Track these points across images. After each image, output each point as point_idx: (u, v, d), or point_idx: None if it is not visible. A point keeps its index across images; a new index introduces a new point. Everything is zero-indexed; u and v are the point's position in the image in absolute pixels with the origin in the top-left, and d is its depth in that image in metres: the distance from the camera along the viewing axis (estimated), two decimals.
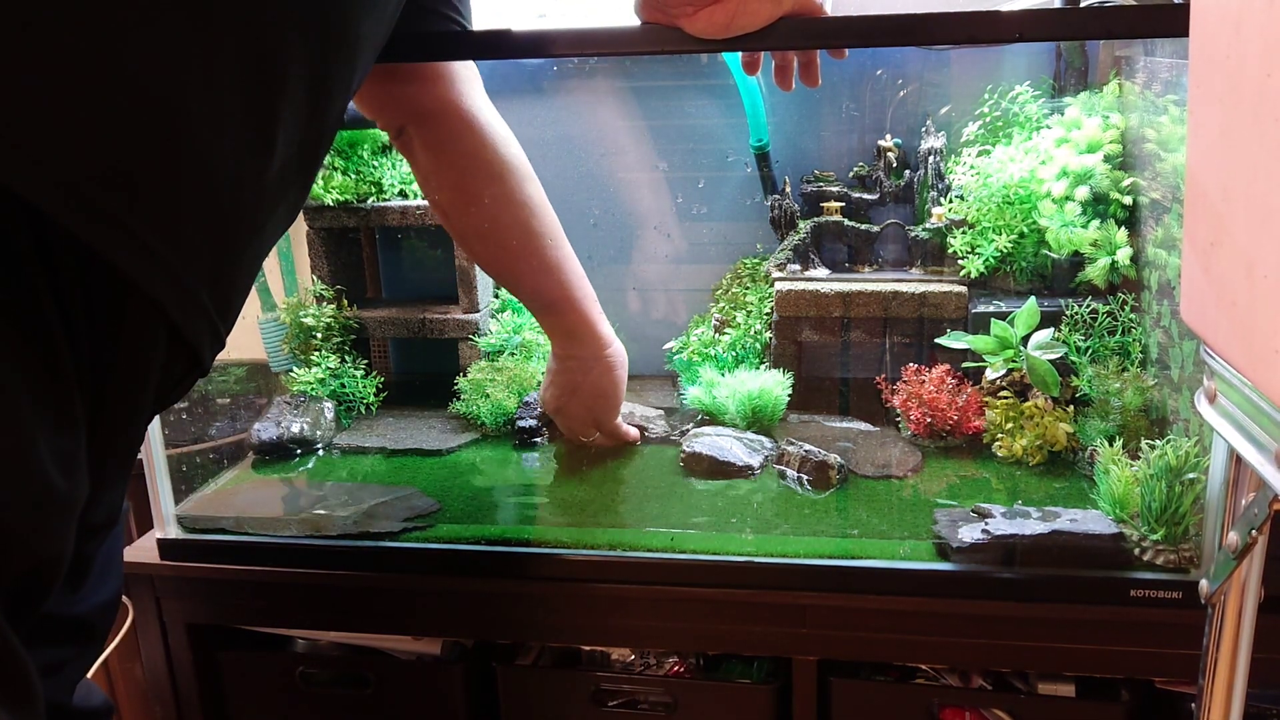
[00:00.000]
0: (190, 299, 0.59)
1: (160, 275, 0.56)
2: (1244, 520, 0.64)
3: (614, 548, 1.00)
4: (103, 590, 0.70)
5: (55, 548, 0.55)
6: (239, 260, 0.64)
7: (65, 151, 0.51)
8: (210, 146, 0.58)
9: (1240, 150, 0.57)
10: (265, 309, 1.45)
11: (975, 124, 1.27)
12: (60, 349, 0.53)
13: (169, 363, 0.61)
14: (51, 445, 0.53)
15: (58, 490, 0.54)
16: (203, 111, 0.57)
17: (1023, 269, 1.24)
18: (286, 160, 0.65)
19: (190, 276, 0.58)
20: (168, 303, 0.57)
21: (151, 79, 0.54)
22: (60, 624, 0.66)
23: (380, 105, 1.06)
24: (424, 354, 1.47)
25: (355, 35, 0.68)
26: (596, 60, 1.37)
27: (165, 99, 0.55)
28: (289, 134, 0.64)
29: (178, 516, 1.08)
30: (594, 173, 1.41)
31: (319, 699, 1.13)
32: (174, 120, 0.56)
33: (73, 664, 0.68)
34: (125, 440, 0.62)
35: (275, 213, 0.68)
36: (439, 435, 1.28)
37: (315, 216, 1.37)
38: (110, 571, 0.71)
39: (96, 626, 0.70)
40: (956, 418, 1.15)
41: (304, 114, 0.65)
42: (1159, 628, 0.91)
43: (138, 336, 0.57)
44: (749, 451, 1.15)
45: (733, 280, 1.38)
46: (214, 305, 0.61)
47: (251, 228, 0.65)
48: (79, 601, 0.67)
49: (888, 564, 0.95)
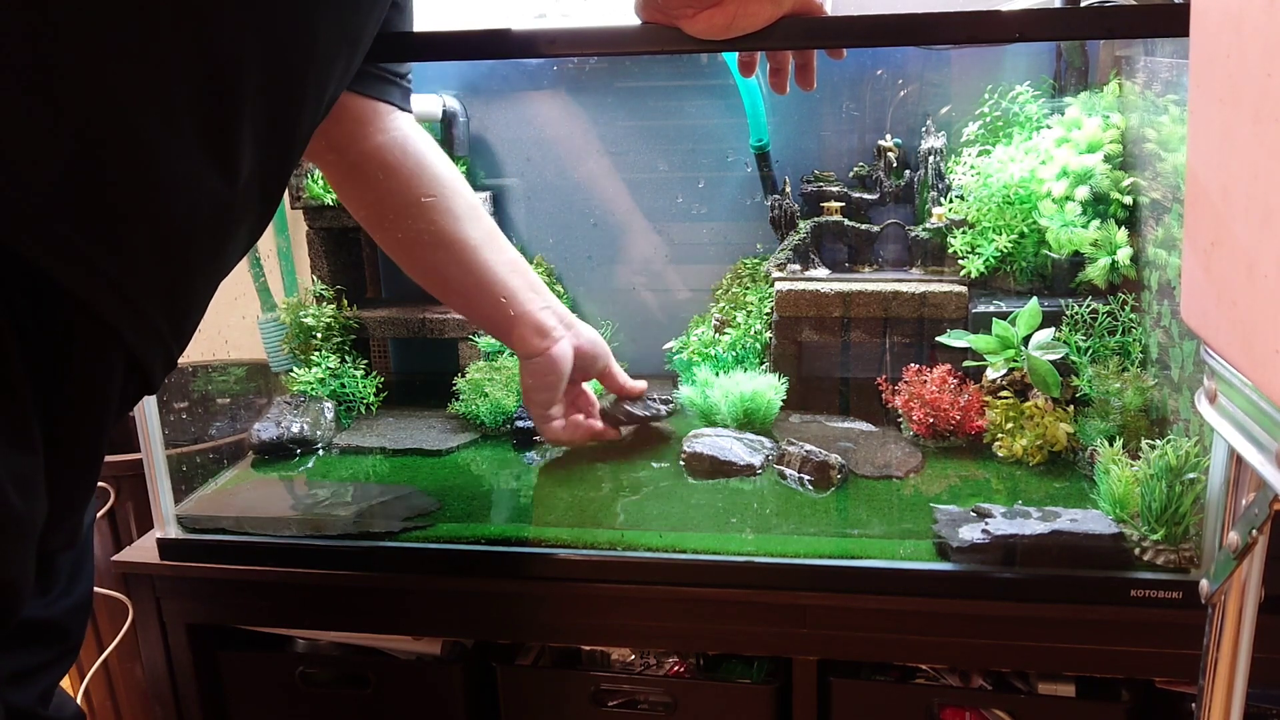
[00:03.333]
0: (143, 321, 0.58)
1: (111, 298, 0.55)
2: (1244, 520, 0.64)
3: (614, 547, 1.00)
4: (74, 593, 0.69)
5: (13, 570, 0.54)
6: (195, 282, 0.63)
7: (11, 173, 0.50)
8: (163, 163, 0.56)
9: (1240, 150, 0.57)
10: (265, 309, 1.45)
11: (975, 124, 1.27)
12: (15, 370, 0.52)
13: (125, 383, 0.60)
14: (7, 466, 0.52)
15: (15, 511, 0.53)
16: (153, 126, 0.55)
17: (1023, 269, 1.24)
18: (248, 179, 0.63)
19: (144, 298, 0.57)
20: (120, 325, 0.56)
21: (96, 92, 0.53)
22: (31, 627, 0.65)
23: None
24: (424, 354, 1.47)
25: (323, 43, 0.66)
26: (596, 60, 1.37)
27: (112, 113, 0.54)
28: (249, 151, 0.62)
29: (178, 516, 1.08)
30: (594, 173, 1.41)
31: (319, 699, 1.13)
32: (123, 136, 0.54)
33: (46, 669, 0.67)
34: (84, 461, 0.61)
35: (236, 234, 0.65)
36: (439, 435, 1.28)
37: (315, 216, 1.37)
38: (81, 574, 0.70)
39: (69, 629, 0.69)
40: (959, 417, 1.15)
41: (265, 130, 0.63)
42: (1159, 628, 0.91)
43: (92, 358, 0.57)
44: (750, 451, 1.15)
45: (733, 280, 1.38)
46: (168, 328, 0.60)
47: (210, 249, 0.63)
48: (50, 605, 0.66)
49: (888, 564, 0.95)
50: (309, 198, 1.35)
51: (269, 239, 1.48)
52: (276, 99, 0.63)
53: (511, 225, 1.45)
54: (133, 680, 1.44)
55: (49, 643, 0.67)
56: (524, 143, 1.42)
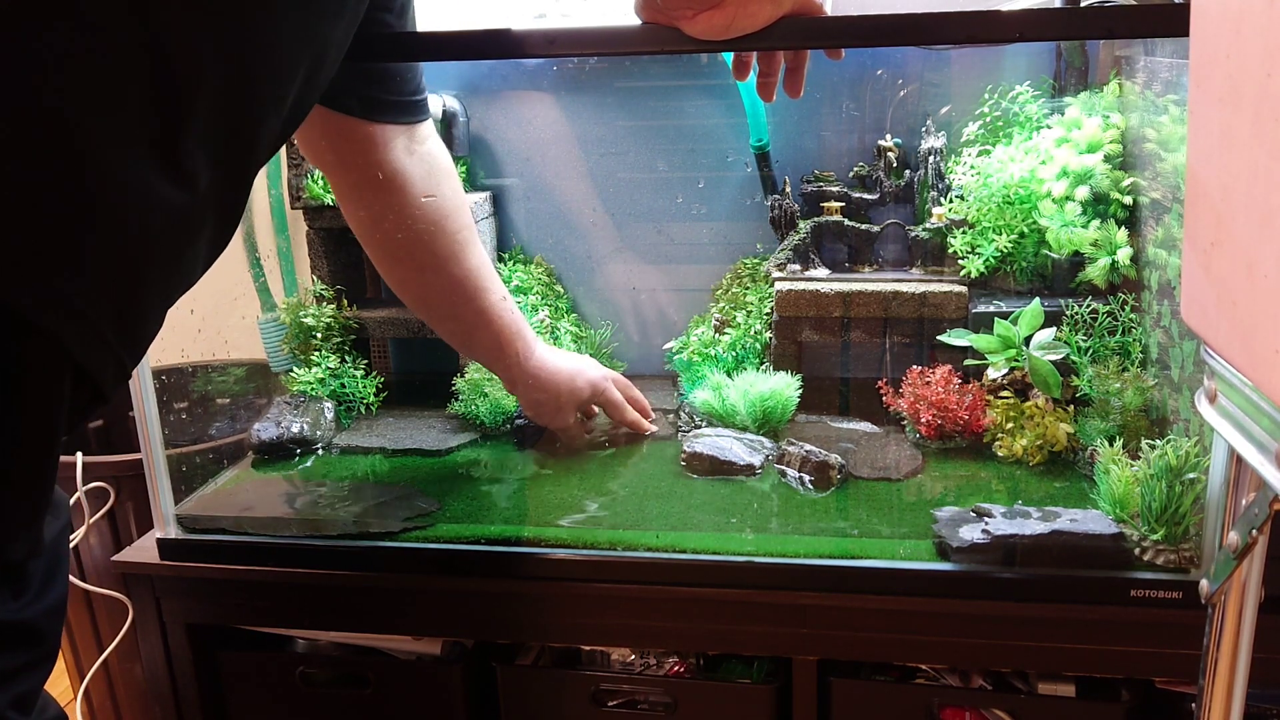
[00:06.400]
0: (92, 333, 0.57)
1: (57, 309, 0.54)
2: (1244, 520, 0.64)
3: (614, 547, 1.00)
4: (48, 596, 0.68)
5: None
6: (149, 293, 0.61)
7: None
8: (110, 172, 0.55)
9: (1240, 150, 0.57)
10: (265, 309, 1.45)
11: (975, 124, 1.27)
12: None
13: (74, 395, 0.58)
14: None
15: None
16: (99, 133, 0.54)
17: (1023, 269, 1.24)
18: (207, 189, 0.61)
19: (91, 309, 0.56)
20: (66, 337, 0.55)
21: (33, 96, 0.51)
22: (5, 630, 0.64)
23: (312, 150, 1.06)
24: (424, 354, 1.47)
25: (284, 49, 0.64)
26: (596, 60, 1.37)
27: (52, 119, 0.52)
28: (206, 161, 0.60)
29: (177, 516, 1.08)
30: (594, 172, 1.41)
31: (319, 699, 1.13)
32: (64, 143, 0.53)
33: (24, 674, 0.66)
34: (32, 475, 0.60)
35: (194, 245, 0.64)
36: (438, 435, 1.27)
37: (315, 216, 1.37)
38: (55, 578, 0.69)
39: (45, 633, 0.67)
40: (966, 417, 1.15)
41: (223, 139, 0.61)
42: (1159, 628, 0.91)
43: (39, 371, 0.55)
44: (750, 451, 1.15)
45: (733, 280, 1.38)
46: (118, 339, 0.59)
47: (165, 259, 0.61)
48: (23, 608, 0.65)
49: (888, 564, 0.95)
50: (309, 198, 1.35)
51: (269, 239, 1.48)
52: (233, 108, 0.61)
53: (511, 225, 1.45)
54: (133, 680, 1.44)
55: (24, 646, 0.66)
56: (524, 143, 1.42)
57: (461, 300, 1.12)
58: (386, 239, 1.08)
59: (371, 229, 1.09)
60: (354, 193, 1.07)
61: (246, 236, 1.46)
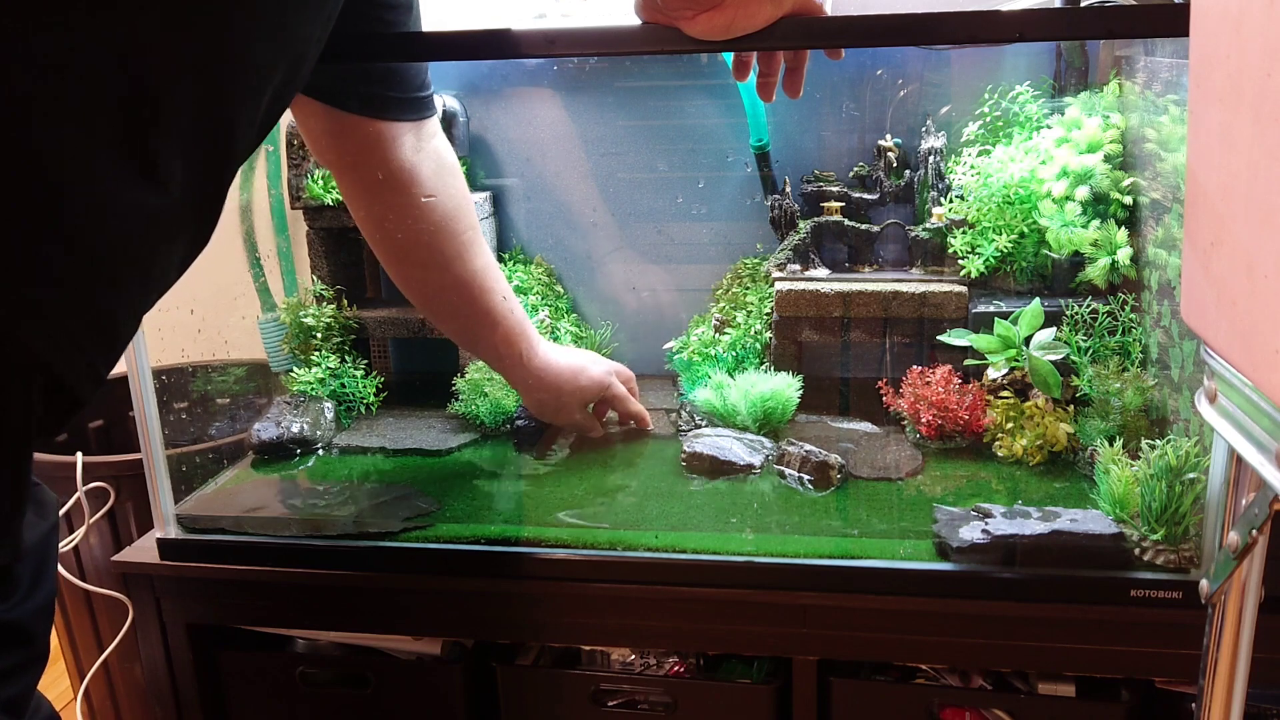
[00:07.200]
0: (64, 339, 0.56)
1: (27, 316, 0.53)
2: (1244, 520, 0.64)
3: (614, 547, 1.00)
4: (36, 596, 0.67)
5: None
6: (123, 296, 0.61)
7: None
8: (78, 175, 0.54)
9: (1240, 150, 0.57)
10: (265, 309, 1.46)
11: (975, 124, 1.27)
12: None
13: (48, 400, 0.58)
14: None
15: None
16: (66, 136, 0.53)
17: (1023, 269, 1.24)
18: (182, 191, 0.60)
19: (62, 314, 0.55)
20: (37, 344, 0.54)
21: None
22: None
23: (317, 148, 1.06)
24: (424, 354, 1.47)
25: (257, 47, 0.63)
26: (596, 60, 1.37)
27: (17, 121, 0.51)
28: (179, 162, 0.59)
29: (177, 516, 1.08)
30: (594, 172, 1.41)
31: (319, 699, 1.13)
32: (30, 145, 0.52)
33: (16, 675, 0.66)
34: (7, 483, 0.59)
35: (170, 248, 0.63)
36: (439, 435, 1.27)
37: (315, 216, 1.37)
38: (43, 579, 0.69)
39: (34, 633, 0.67)
40: (966, 417, 1.15)
41: (197, 140, 0.60)
42: (1159, 628, 0.91)
43: (8, 377, 0.55)
44: (750, 451, 1.15)
45: (733, 280, 1.38)
46: (93, 344, 0.58)
47: (139, 263, 0.60)
48: (12, 609, 0.65)
49: (888, 564, 0.95)
50: (309, 198, 1.35)
51: (269, 239, 1.48)
52: (207, 108, 0.61)
53: (511, 225, 1.45)
54: (132, 680, 1.44)
55: (14, 646, 0.66)
56: (524, 143, 1.42)
57: (466, 300, 1.12)
58: (394, 237, 1.08)
59: (379, 227, 1.09)
60: (362, 191, 1.07)
61: (246, 236, 1.47)
